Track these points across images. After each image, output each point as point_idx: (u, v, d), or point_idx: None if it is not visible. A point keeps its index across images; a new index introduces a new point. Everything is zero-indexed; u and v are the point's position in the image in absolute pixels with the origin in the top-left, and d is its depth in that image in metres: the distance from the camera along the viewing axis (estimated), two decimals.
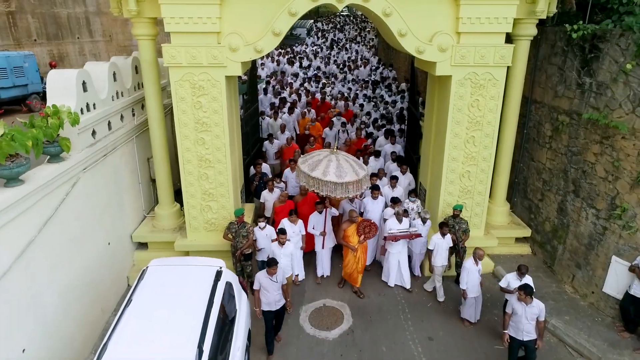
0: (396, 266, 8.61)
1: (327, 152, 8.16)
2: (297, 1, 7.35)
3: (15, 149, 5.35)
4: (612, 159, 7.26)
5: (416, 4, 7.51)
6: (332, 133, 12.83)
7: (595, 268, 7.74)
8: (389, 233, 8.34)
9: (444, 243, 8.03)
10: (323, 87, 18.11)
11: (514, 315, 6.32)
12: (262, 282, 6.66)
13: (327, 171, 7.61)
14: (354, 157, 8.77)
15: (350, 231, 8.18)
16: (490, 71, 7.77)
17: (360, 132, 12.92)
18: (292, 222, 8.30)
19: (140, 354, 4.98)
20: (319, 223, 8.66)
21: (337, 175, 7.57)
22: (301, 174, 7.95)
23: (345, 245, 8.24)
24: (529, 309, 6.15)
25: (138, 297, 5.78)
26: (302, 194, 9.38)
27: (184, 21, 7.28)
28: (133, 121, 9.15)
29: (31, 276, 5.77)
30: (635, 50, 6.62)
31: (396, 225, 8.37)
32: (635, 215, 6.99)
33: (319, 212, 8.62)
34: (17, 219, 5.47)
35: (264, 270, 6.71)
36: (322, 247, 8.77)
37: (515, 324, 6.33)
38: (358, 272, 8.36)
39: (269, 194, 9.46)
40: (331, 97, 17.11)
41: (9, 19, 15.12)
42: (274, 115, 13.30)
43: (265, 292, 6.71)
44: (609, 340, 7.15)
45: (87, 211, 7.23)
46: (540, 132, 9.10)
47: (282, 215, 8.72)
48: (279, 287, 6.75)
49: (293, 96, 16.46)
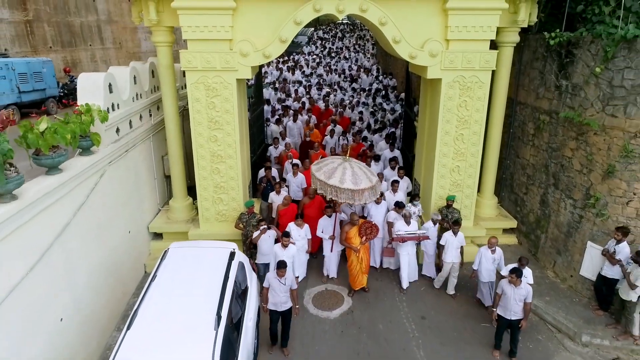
0: (406, 267, 8.88)
1: (340, 160, 8.46)
2: (302, 11, 8.16)
3: (57, 141, 6.11)
4: (586, 154, 8.04)
5: (409, 14, 8.32)
6: (333, 141, 13.38)
7: (573, 254, 8.49)
8: (397, 234, 8.64)
9: (455, 241, 8.39)
10: (327, 95, 18.59)
11: (504, 296, 6.94)
12: (272, 282, 6.91)
13: (344, 179, 7.88)
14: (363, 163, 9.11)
15: (352, 233, 8.44)
16: (476, 74, 8.57)
17: (357, 137, 13.37)
18: (298, 226, 8.62)
19: (166, 319, 5.71)
20: (328, 227, 8.88)
21: (354, 182, 7.87)
22: (317, 182, 8.15)
23: (348, 246, 8.50)
24: (518, 290, 6.76)
25: (162, 273, 6.52)
26: (310, 197, 9.59)
27: (199, 29, 8.09)
28: (150, 121, 9.94)
29: (67, 255, 6.50)
30: (604, 55, 7.42)
31: (404, 227, 8.65)
32: (607, 203, 7.76)
33: (328, 216, 8.86)
34: (56, 203, 6.22)
35: (273, 271, 6.97)
36: (331, 250, 8.99)
37: (504, 304, 6.96)
38: (362, 272, 8.63)
39: (276, 196, 9.78)
40: (333, 105, 17.60)
41: (27, 27, 15.97)
42: (278, 122, 13.94)
43: (273, 292, 6.95)
44: (584, 318, 7.89)
45: (111, 201, 7.98)
46: (524, 131, 9.89)
47: (286, 217, 9.21)
48: (286, 289, 6.95)
49: (296, 103, 16.98)
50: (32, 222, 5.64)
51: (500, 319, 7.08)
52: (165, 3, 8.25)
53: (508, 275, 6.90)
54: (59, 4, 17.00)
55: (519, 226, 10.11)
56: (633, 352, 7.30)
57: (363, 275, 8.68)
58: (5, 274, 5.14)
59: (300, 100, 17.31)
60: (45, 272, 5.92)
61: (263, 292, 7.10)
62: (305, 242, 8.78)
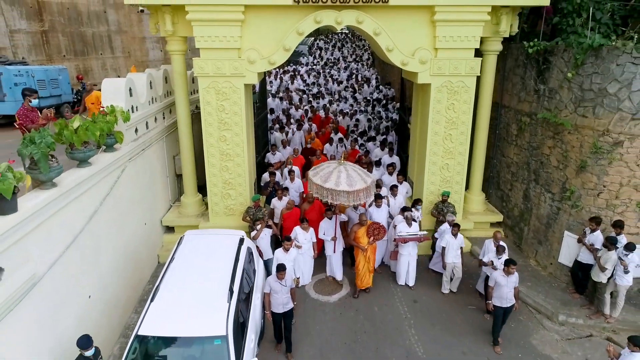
0: (406, 267, 9.30)
1: (335, 164, 8.71)
2: (304, 23, 9.02)
3: (88, 137, 6.92)
4: (561, 151, 8.86)
5: (401, 25, 9.18)
6: (332, 148, 13.92)
7: (552, 243, 9.27)
8: (399, 236, 9.01)
9: (455, 242, 8.82)
10: (329, 103, 19.15)
11: (498, 287, 7.42)
12: (272, 285, 7.17)
13: (339, 182, 8.14)
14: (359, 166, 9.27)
15: (361, 233, 8.77)
16: (462, 80, 9.42)
17: (354, 144, 13.92)
18: (304, 229, 8.96)
19: (184, 293, 6.48)
20: (329, 229, 9.16)
21: (349, 184, 8.12)
22: (314, 186, 8.39)
23: (356, 245, 8.83)
24: (510, 278, 7.32)
25: (179, 255, 7.31)
26: (310, 202, 9.87)
27: (211, 39, 8.95)
28: (163, 123, 10.76)
29: (94, 240, 7.28)
30: (575, 62, 8.26)
31: (405, 229, 9.02)
32: (581, 195, 8.55)
33: (328, 219, 9.15)
34: (86, 193, 7.01)
35: (273, 275, 7.23)
36: (334, 251, 9.28)
37: (499, 295, 7.44)
38: (369, 271, 9.01)
39: (278, 202, 10.03)
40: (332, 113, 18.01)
41: (43, 37, 16.88)
42: (281, 130, 14.55)
43: (275, 295, 7.20)
44: (562, 300, 8.65)
45: (130, 194, 8.77)
46: (508, 132, 10.72)
47: (289, 220, 9.53)
48: (287, 290, 7.23)
49: (300, 111, 17.48)
50: (67, 208, 6.43)
51: (497, 309, 7.52)
52: (180, 15, 9.10)
53: (500, 268, 7.52)
54: (73, 15, 17.94)
55: (504, 220, 10.90)
56: (604, 329, 8.05)
57: (370, 275, 9.07)
58: (48, 250, 5.92)
59: (303, 109, 17.82)
60: (77, 253, 6.69)
61: (265, 298, 7.31)
62: (311, 245, 9.12)
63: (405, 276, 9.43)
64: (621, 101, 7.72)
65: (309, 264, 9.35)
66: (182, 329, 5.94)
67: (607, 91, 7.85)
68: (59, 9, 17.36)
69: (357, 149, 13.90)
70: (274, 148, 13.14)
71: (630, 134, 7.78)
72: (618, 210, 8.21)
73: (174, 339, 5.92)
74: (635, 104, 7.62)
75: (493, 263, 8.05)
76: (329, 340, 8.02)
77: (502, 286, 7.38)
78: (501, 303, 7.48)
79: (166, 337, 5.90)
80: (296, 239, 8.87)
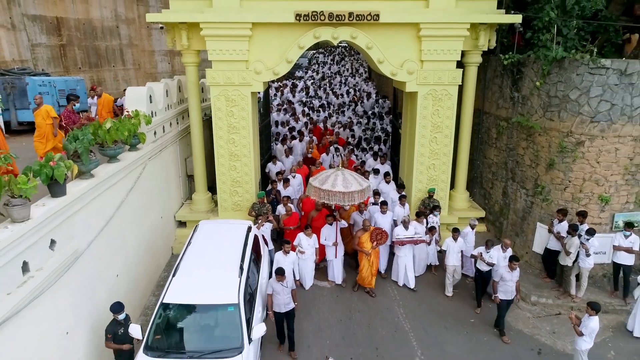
0: (404, 268, 9.83)
1: (333, 170, 9.42)
2: (304, 38, 10.18)
3: (118, 137, 8.02)
4: (533, 151, 9.95)
5: (390, 40, 10.33)
6: (329, 158, 14.54)
7: (527, 234, 10.32)
8: (397, 238, 9.54)
9: (456, 246, 9.42)
10: (329, 116, 19.89)
11: (503, 282, 8.10)
12: (274, 287, 7.66)
13: (335, 183, 8.80)
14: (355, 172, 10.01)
15: (364, 238, 9.26)
16: (446, 88, 10.55)
17: (350, 154, 14.66)
18: (307, 235, 9.40)
19: (201, 270, 7.51)
20: (330, 234, 9.61)
21: (344, 186, 8.77)
22: (312, 189, 8.98)
23: (360, 250, 9.30)
24: (514, 273, 8.02)
25: (195, 240, 8.35)
26: (317, 210, 10.30)
27: (222, 52, 10.09)
28: (177, 128, 11.88)
29: (122, 226, 8.33)
30: (542, 72, 9.40)
31: (403, 232, 9.59)
32: (550, 190, 9.63)
33: (329, 224, 9.59)
34: (116, 184, 8.09)
35: (274, 277, 7.74)
36: (335, 256, 9.78)
37: (504, 289, 8.15)
38: (372, 274, 9.48)
39: (282, 208, 10.65)
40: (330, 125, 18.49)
41: (61, 50, 18.10)
42: (283, 142, 15.20)
43: (277, 296, 7.69)
44: (534, 284, 9.68)
45: (150, 189, 9.84)
46: (489, 136, 11.83)
47: (289, 224, 10.30)
48: (288, 291, 7.73)
49: (300, 123, 18.09)
50: (101, 196, 7.51)
51: (502, 301, 8.24)
52: (195, 31, 10.26)
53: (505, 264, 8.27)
54: (88, 30, 19.20)
55: (487, 215, 11.95)
56: (572, 308, 9.05)
57: (372, 277, 9.54)
58: (86, 230, 6.98)
59: (304, 122, 18.38)
60: (108, 236, 7.74)
61: (267, 300, 7.80)
62: (314, 250, 9.54)
63: (404, 278, 9.96)
64: (581, 106, 8.84)
65: (310, 268, 9.82)
66: (201, 298, 6.96)
67: (570, 97, 8.98)
68: (75, 25, 18.63)
69: (352, 159, 14.56)
70: (274, 159, 13.64)
71: (590, 134, 8.89)
72: (582, 203, 9.29)
73: (194, 306, 6.95)
74: (593, 109, 8.74)
75: (482, 255, 8.88)
76: (327, 317, 9.04)
77: (507, 281, 8.08)
78: (506, 296, 8.21)
79: (187, 304, 6.93)
80: (300, 245, 9.41)
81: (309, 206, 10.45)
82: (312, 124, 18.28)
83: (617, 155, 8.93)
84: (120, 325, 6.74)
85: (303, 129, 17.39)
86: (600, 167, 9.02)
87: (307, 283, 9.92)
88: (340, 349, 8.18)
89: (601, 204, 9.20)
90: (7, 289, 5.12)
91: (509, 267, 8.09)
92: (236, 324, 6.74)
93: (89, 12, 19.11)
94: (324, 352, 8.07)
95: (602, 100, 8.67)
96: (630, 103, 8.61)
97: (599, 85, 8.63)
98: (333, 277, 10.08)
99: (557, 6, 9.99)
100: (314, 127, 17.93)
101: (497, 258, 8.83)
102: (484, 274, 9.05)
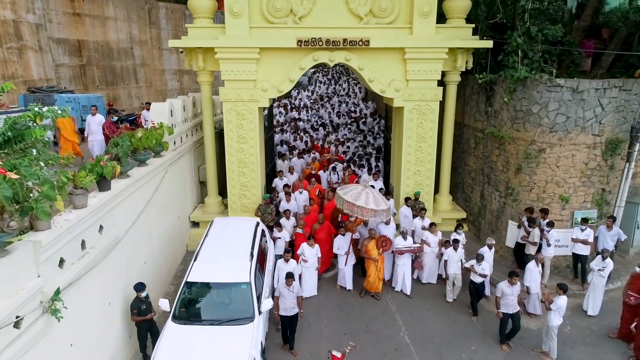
0: (402, 275, 10.62)
1: (362, 187, 10.26)
2: (305, 60, 11.73)
3: (148, 144, 9.48)
4: (504, 158, 11.43)
5: (380, 62, 11.88)
6: (325, 174, 15.35)
7: (501, 231, 11.73)
8: (396, 248, 10.34)
9: (456, 255, 10.09)
10: (327, 134, 20.98)
11: (504, 297, 8.54)
12: (282, 290, 8.49)
13: (368, 201, 9.72)
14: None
15: (371, 246, 10.10)
16: (428, 104, 12.07)
17: (349, 170, 15.37)
18: (310, 245, 10.15)
19: (218, 256, 8.89)
20: (343, 244, 10.51)
21: (375, 204, 9.75)
22: (346, 203, 9.75)
23: (368, 257, 10.09)
24: (514, 288, 8.50)
25: (212, 233, 9.76)
26: (320, 223, 11.12)
27: (234, 73, 11.62)
28: (192, 139, 13.37)
29: (148, 221, 9.73)
30: (509, 89, 10.93)
31: (402, 242, 10.47)
32: (519, 192, 11.08)
33: (342, 235, 10.49)
34: (145, 185, 9.52)
35: (282, 281, 8.59)
36: (345, 264, 10.61)
37: (505, 303, 8.59)
38: (379, 279, 10.29)
39: (286, 221, 11.48)
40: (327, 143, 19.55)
41: (81, 70, 19.73)
42: (282, 158, 16.42)
43: (283, 299, 8.48)
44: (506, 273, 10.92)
45: (169, 192, 11.27)
46: (469, 146, 13.32)
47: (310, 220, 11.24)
48: (294, 296, 8.49)
49: (299, 142, 19.11)
50: (134, 194, 8.93)
51: (504, 315, 8.66)
52: (210, 55, 11.81)
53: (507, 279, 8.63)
54: (106, 51, 20.87)
55: (468, 217, 13.37)
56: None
57: (379, 282, 10.32)
58: (124, 221, 8.39)
59: (303, 140, 19.42)
60: (138, 228, 9.14)
61: (274, 302, 8.51)
62: (316, 259, 10.22)
63: (401, 284, 10.70)
64: (542, 118, 10.35)
65: (314, 276, 10.52)
66: (219, 277, 8.35)
67: (532, 111, 10.49)
68: (94, 47, 20.31)
69: (353, 174, 15.24)
70: (280, 174, 14.43)
71: (549, 142, 10.38)
72: (546, 202, 10.72)
73: (213, 284, 8.33)
74: (552, 120, 10.24)
75: (474, 267, 9.65)
76: (324, 301, 10.40)
77: (508, 295, 8.56)
78: (507, 310, 8.65)
79: (208, 282, 8.31)
80: (303, 254, 10.10)
81: (311, 220, 11.39)
82: (312, 142, 19.27)
83: (574, 160, 10.40)
84: (142, 302, 8.08)
85: (302, 147, 18.42)
86: (559, 170, 10.48)
87: (310, 291, 10.49)
88: (335, 326, 9.51)
89: (562, 203, 10.64)
90: (72, 259, 6.53)
91: (508, 282, 8.57)
92: (248, 299, 8.11)
93: (106, 35, 20.81)
94: (322, 329, 9.41)
95: (558, 114, 10.18)
96: (582, 116, 10.12)
97: (556, 101, 10.14)
98: (343, 282, 10.88)
99: (524, 33, 11.57)
100: (312, 146, 18.75)
101: (532, 273, 9.30)
102: (477, 285, 9.72)
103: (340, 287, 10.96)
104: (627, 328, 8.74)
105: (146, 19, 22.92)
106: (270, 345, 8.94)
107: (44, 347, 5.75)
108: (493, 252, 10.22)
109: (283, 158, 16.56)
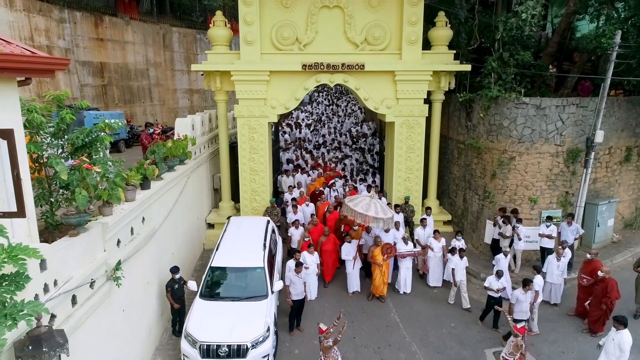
0: (404, 278, 11.67)
1: (368, 198, 11.30)
2: (308, 81, 13.54)
3: (176, 153, 11.19)
4: (482, 165, 13.15)
5: (373, 83, 13.68)
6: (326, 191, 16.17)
7: (480, 230, 13.38)
8: (398, 252, 11.35)
9: (462, 263, 10.99)
10: (327, 152, 22.16)
11: (518, 304, 9.09)
12: (292, 278, 9.87)
13: (377, 211, 10.78)
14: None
15: (377, 252, 11.02)
16: (416, 119, 13.84)
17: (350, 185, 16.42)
18: (310, 253, 10.95)
19: (236, 246, 10.53)
20: (350, 250, 11.52)
21: (383, 213, 10.88)
22: (357, 214, 10.70)
23: (373, 262, 11.03)
24: (527, 295, 9.12)
25: (229, 228, 11.42)
26: (325, 235, 11.96)
27: (247, 92, 13.42)
28: (208, 150, 15.11)
29: (175, 218, 11.37)
30: (484, 106, 12.71)
31: (403, 247, 11.52)
32: (494, 195, 12.77)
33: (348, 242, 11.50)
34: (173, 187, 11.20)
35: (292, 270, 9.90)
36: (352, 268, 11.65)
37: (519, 308, 9.12)
38: (384, 283, 11.24)
39: (295, 230, 12.51)
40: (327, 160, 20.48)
41: (102, 89, 21.62)
42: (286, 174, 17.56)
43: (294, 286, 9.88)
44: (484, 266, 12.64)
45: (190, 195, 12.94)
46: (453, 156, 15.07)
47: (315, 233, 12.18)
48: (302, 282, 9.96)
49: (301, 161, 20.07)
50: (166, 194, 10.61)
51: (515, 321, 8.57)
52: (226, 77, 13.62)
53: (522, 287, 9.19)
54: (124, 72, 22.82)
55: (453, 219, 15.02)
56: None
57: (384, 286, 11.20)
58: (158, 216, 10.06)
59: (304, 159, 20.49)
60: (169, 223, 10.79)
61: (286, 290, 9.96)
62: (316, 266, 11.08)
63: (404, 287, 11.72)
64: (511, 131, 12.11)
65: (314, 281, 11.49)
66: (238, 262, 9.98)
67: (503, 125, 12.26)
68: (115, 68, 22.25)
69: (354, 190, 16.19)
70: (290, 189, 15.52)
71: (518, 151, 12.12)
72: (517, 203, 12.41)
73: (233, 269, 9.95)
74: (519, 133, 12.00)
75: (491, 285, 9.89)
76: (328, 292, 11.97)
77: (522, 302, 9.08)
78: (520, 316, 9.12)
79: (229, 266, 9.94)
80: (304, 261, 10.62)
81: (316, 234, 12.27)
82: (313, 160, 20.43)
83: (540, 167, 12.12)
84: (175, 283, 9.68)
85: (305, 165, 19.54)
86: (528, 175, 12.20)
87: (312, 294, 11.36)
88: (335, 308, 11.09)
89: (531, 204, 12.33)
90: (125, 241, 8.18)
91: (523, 289, 9.12)
92: (263, 280, 9.73)
93: (125, 57, 22.77)
94: (324, 308, 10.99)
95: (525, 127, 11.94)
96: (545, 128, 11.88)
97: (523, 116, 11.92)
98: (352, 286, 11.83)
99: (498, 58, 13.41)
100: (315, 163, 19.79)
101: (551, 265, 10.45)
102: (496, 299, 9.97)
103: (352, 294, 11.79)
104: (582, 306, 10.32)
105: (161, 42, 24.95)
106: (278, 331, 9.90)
107: (107, 308, 7.37)
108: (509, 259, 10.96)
109: (287, 174, 17.69)
